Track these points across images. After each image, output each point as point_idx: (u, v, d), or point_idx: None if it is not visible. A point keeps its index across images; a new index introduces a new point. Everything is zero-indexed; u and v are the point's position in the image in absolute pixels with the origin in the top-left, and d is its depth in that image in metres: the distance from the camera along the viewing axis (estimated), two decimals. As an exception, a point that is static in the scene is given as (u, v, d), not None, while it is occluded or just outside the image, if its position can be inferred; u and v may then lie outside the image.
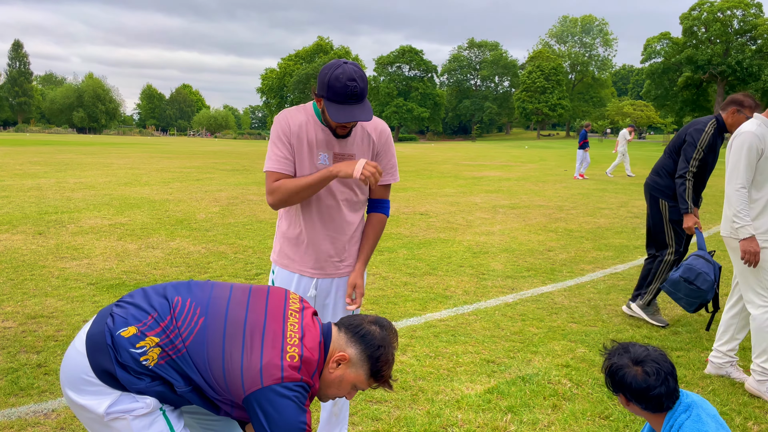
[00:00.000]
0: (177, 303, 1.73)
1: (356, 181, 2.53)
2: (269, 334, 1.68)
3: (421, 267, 6.41)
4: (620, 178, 19.26)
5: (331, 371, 1.76)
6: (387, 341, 1.80)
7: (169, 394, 1.67)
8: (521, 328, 4.54)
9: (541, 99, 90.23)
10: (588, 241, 8.11)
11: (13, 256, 6.30)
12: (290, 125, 2.45)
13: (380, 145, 2.56)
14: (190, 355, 1.64)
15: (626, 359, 1.98)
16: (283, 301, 1.80)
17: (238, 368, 1.62)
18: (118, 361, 1.63)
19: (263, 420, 1.58)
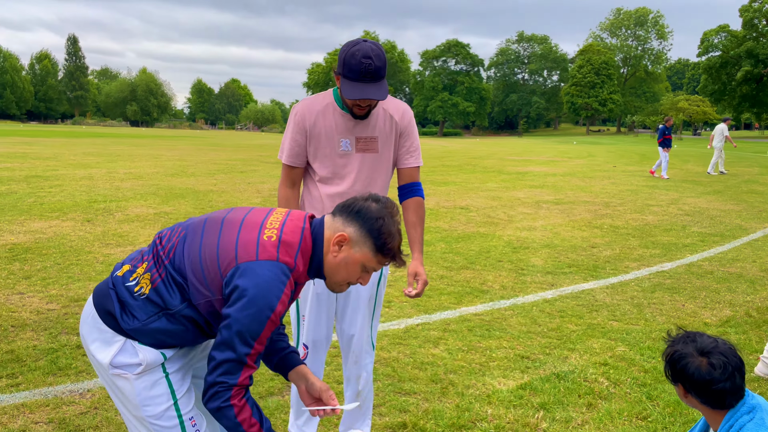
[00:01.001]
0: (164, 233, 1.76)
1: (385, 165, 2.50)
2: (248, 223, 1.68)
3: (459, 261, 6.32)
4: (672, 174, 18.62)
5: (334, 255, 1.70)
6: (385, 212, 1.72)
7: (168, 328, 1.65)
8: (559, 324, 4.41)
9: (591, 93, 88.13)
10: (634, 238, 7.85)
11: (62, 242, 6.51)
12: (306, 117, 2.41)
13: (403, 126, 2.50)
14: (174, 266, 1.65)
15: (691, 348, 1.86)
16: (265, 212, 1.77)
17: (214, 250, 1.61)
18: (119, 298, 1.66)
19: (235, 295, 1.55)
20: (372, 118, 2.42)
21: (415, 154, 2.54)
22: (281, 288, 1.58)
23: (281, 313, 1.59)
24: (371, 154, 2.44)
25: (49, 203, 9.13)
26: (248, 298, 1.55)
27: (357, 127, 2.41)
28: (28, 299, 4.54)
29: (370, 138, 2.44)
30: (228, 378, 1.57)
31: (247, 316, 1.54)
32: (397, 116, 2.47)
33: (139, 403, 1.66)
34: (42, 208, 8.62)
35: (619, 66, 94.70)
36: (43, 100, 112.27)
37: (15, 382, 3.17)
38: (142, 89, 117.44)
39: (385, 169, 2.51)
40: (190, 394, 1.76)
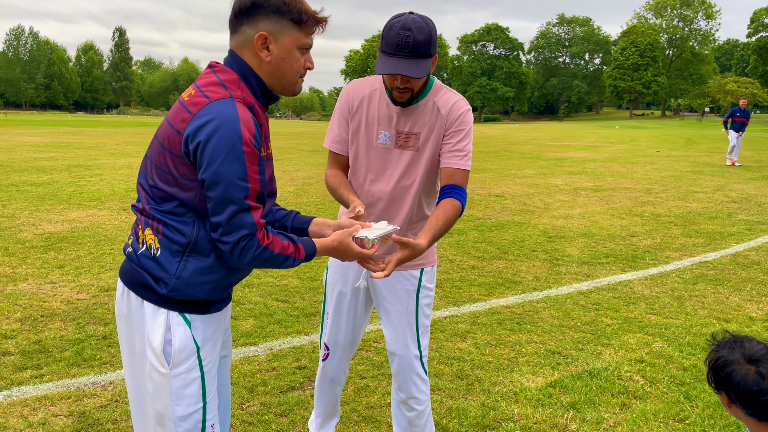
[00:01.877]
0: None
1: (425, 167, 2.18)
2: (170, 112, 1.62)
3: (491, 251, 6.17)
4: (719, 160, 17.91)
5: (268, 60, 1.59)
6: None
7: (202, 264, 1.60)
8: (593, 318, 4.24)
9: (635, 76, 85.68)
10: (677, 226, 7.54)
11: (97, 231, 6.61)
12: (351, 100, 2.19)
13: (450, 121, 2.12)
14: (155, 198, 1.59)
15: (738, 354, 1.69)
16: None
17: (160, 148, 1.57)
18: (143, 268, 1.62)
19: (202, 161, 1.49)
20: (418, 111, 2.11)
21: (460, 155, 2.12)
22: (234, 109, 1.49)
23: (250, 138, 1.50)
24: (410, 152, 2.14)
25: (88, 192, 9.30)
26: (211, 145, 1.46)
27: (401, 120, 2.12)
28: (59, 288, 4.60)
29: (412, 134, 2.13)
30: (245, 230, 1.51)
31: (222, 163, 1.46)
32: (444, 110, 2.12)
33: (172, 401, 1.62)
34: (81, 198, 8.79)
35: (664, 47, 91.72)
36: (89, 90, 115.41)
37: (39, 374, 3.19)
38: (183, 78, 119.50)
39: (426, 170, 2.16)
40: (215, 398, 1.72)
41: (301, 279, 5.02)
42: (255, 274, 5.11)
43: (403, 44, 1.91)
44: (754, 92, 71.72)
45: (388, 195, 2.18)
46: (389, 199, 2.19)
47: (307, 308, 4.31)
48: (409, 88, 2.01)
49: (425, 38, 1.92)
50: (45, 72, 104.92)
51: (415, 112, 2.11)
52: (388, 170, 2.17)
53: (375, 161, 2.18)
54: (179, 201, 1.57)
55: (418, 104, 2.11)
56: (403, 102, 2.06)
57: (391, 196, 2.18)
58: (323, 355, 2.45)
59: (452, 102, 2.12)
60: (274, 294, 4.61)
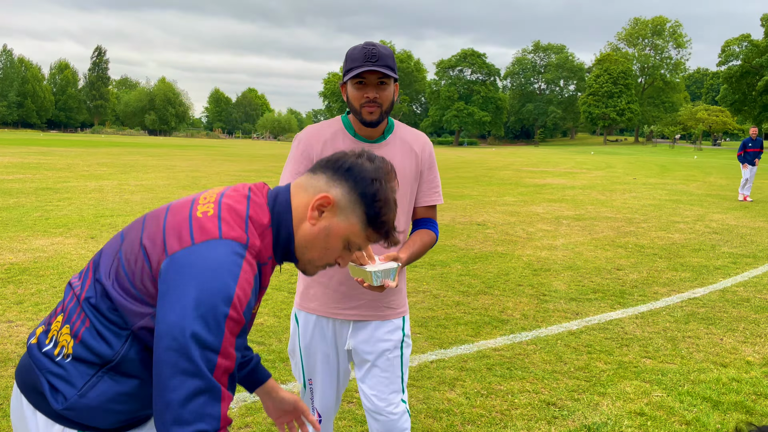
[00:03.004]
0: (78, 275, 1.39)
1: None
2: (175, 206, 1.30)
3: (476, 285, 5.96)
4: (695, 188, 18.09)
5: (312, 222, 1.31)
6: (382, 173, 1.33)
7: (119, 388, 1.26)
8: (587, 362, 4.03)
9: (609, 103, 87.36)
10: (662, 259, 7.43)
11: (61, 262, 6.25)
12: (312, 145, 2.07)
13: (424, 159, 2.15)
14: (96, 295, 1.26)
15: None
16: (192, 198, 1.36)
17: (137, 247, 1.23)
18: (40, 371, 1.27)
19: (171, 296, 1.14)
20: (387, 146, 2.09)
21: (436, 190, 2.20)
22: (237, 264, 1.18)
23: (244, 302, 1.18)
24: None
25: (55, 218, 8.91)
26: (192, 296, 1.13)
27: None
28: (15, 329, 4.26)
29: None
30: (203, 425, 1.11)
31: (196, 320, 1.12)
32: (417, 148, 2.14)
33: None
34: (47, 224, 8.40)
35: (636, 75, 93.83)
36: (63, 109, 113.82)
37: (-15, 432, 2.87)
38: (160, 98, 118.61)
39: (404, 209, 2.13)
40: None
41: (277, 317, 4.75)
42: (229, 311, 4.81)
43: (371, 54, 1.93)
44: (724, 120, 73.53)
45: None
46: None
47: (284, 351, 4.03)
48: (378, 103, 1.98)
49: (389, 54, 1.97)
50: (18, 90, 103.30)
51: (384, 148, 2.08)
52: None
53: None
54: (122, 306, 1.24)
55: (386, 140, 2.10)
56: (373, 120, 1.99)
57: None
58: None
59: (421, 138, 2.17)
60: (249, 335, 4.32)
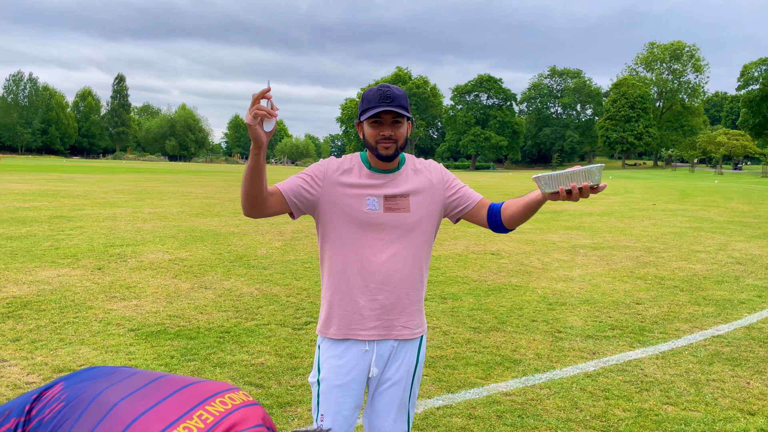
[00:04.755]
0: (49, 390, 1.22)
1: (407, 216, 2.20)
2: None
3: (488, 320, 5.73)
4: (717, 214, 17.67)
5: None
6: None
7: None
8: (604, 409, 3.79)
9: (627, 127, 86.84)
10: (683, 292, 7.14)
11: (65, 295, 6.15)
12: (330, 167, 2.21)
13: (437, 178, 2.28)
14: None
15: None
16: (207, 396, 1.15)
17: None
18: None
19: None
20: (401, 175, 2.21)
21: (470, 191, 2.31)
22: None
23: None
24: (402, 213, 2.18)
25: (65, 248, 8.87)
26: None
27: (387, 186, 2.19)
28: (8, 369, 4.12)
29: (400, 195, 2.18)
30: None
31: None
32: (426, 171, 2.28)
33: None
34: (56, 254, 8.35)
35: (654, 99, 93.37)
36: (86, 135, 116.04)
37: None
38: (180, 125, 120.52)
39: (419, 235, 2.21)
40: None
41: (279, 356, 4.57)
42: (228, 350, 4.65)
43: (385, 96, 2.06)
44: (744, 144, 72.58)
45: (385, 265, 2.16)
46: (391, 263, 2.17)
47: (283, 395, 3.84)
48: (394, 139, 2.10)
49: (402, 95, 2.10)
50: (42, 117, 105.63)
51: (397, 178, 2.20)
52: (383, 235, 2.17)
53: (365, 227, 2.16)
54: None
55: (400, 170, 2.22)
56: (389, 155, 2.11)
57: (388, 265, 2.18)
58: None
59: (431, 165, 2.31)
60: (247, 376, 4.14)
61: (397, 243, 2.17)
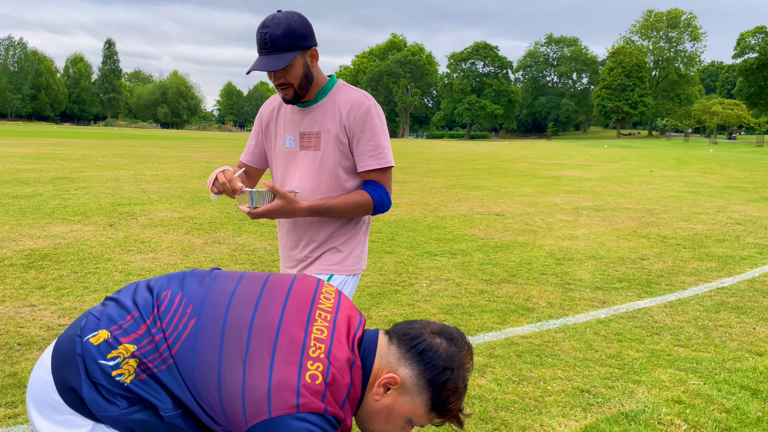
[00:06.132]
0: (164, 298, 1.29)
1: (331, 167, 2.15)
2: (283, 341, 1.20)
3: (499, 273, 5.88)
4: (714, 180, 17.85)
5: (376, 398, 1.28)
6: (457, 361, 1.28)
7: (155, 425, 1.24)
8: (618, 350, 3.94)
9: (622, 96, 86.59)
10: (686, 249, 7.30)
11: (81, 248, 6.23)
12: (262, 113, 2.29)
13: (351, 123, 2.09)
14: (178, 369, 1.21)
15: None
16: (311, 296, 1.31)
17: (239, 389, 1.16)
18: (88, 375, 1.22)
19: None
20: (319, 111, 2.12)
21: (374, 154, 2.11)
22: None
23: None
24: (313, 152, 2.13)
25: (73, 206, 8.91)
26: None
27: (303, 122, 2.14)
28: (39, 312, 4.23)
29: (313, 133, 2.13)
30: None
31: None
32: (344, 110, 2.10)
33: None
34: (65, 212, 8.40)
35: (650, 68, 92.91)
36: (76, 102, 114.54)
37: (14, 413, 2.83)
38: (172, 92, 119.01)
39: (331, 171, 2.13)
40: None
41: None
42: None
43: (262, 41, 1.96)
44: (739, 114, 72.64)
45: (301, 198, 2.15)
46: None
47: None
48: (286, 84, 2.02)
49: (283, 32, 1.94)
50: (32, 83, 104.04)
51: (315, 112, 2.12)
52: (297, 173, 2.17)
53: (285, 166, 2.21)
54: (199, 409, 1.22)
55: (318, 104, 2.12)
56: (289, 99, 2.06)
57: (303, 198, 2.15)
58: None
59: (353, 101, 2.10)
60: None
61: (311, 182, 2.14)
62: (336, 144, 2.10)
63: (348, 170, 2.15)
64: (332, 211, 2.09)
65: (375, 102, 2.15)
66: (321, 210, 2.07)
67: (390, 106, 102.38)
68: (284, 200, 1.98)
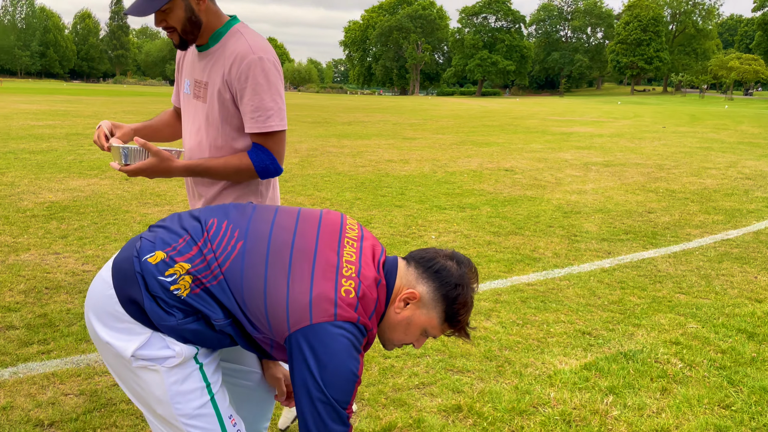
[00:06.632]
0: (212, 224, 1.45)
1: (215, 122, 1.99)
2: (321, 262, 1.38)
3: (506, 226, 5.99)
4: (727, 136, 17.69)
5: (397, 311, 1.47)
6: (465, 280, 1.47)
7: (207, 333, 1.41)
8: (620, 297, 4.08)
9: (637, 51, 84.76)
10: (694, 203, 7.37)
11: (99, 201, 6.40)
12: (178, 60, 2.18)
13: (233, 78, 1.88)
14: (228, 284, 1.38)
15: None
16: (339, 227, 1.49)
17: (283, 301, 1.34)
18: (148, 290, 1.38)
19: (310, 361, 1.30)
20: (210, 59, 1.94)
21: (255, 115, 1.89)
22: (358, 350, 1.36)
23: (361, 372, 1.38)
24: (202, 103, 1.98)
25: (89, 161, 9.07)
26: (329, 370, 1.31)
27: (197, 68, 1.99)
28: (63, 260, 4.42)
29: (202, 82, 1.98)
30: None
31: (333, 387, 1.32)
32: (228, 62, 1.89)
33: (170, 399, 1.40)
34: (81, 166, 8.56)
35: (667, 22, 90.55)
36: (85, 59, 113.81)
37: (47, 349, 3.02)
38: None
39: (216, 127, 1.96)
40: (224, 391, 1.51)
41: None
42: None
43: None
44: (757, 69, 71.08)
45: (189, 149, 2.05)
46: (190, 153, 2.05)
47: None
48: (169, 28, 1.86)
49: None
50: (40, 40, 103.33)
51: (207, 59, 1.96)
52: (189, 122, 2.06)
53: (183, 112, 2.12)
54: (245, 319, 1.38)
55: (210, 50, 1.95)
56: (177, 44, 1.93)
57: (191, 150, 2.04)
58: None
59: (236, 52, 1.87)
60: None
61: (196, 134, 2.02)
62: (220, 99, 1.93)
63: (237, 128, 1.97)
64: (210, 173, 1.93)
65: (265, 54, 1.89)
66: (198, 171, 1.92)
67: (400, 63, 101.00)
68: (157, 158, 1.84)
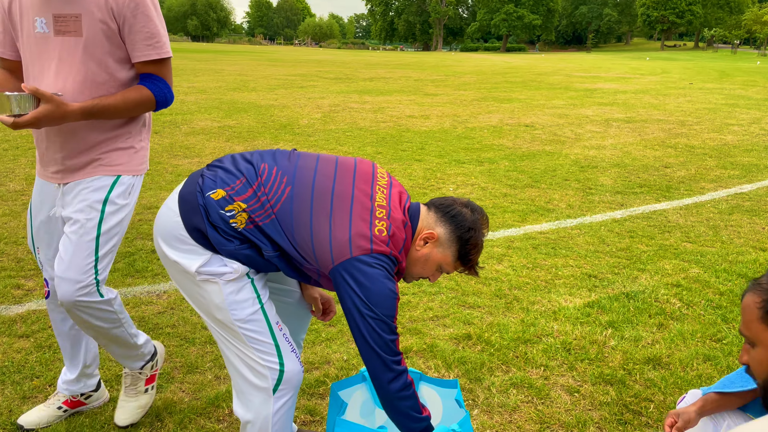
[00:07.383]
0: (264, 170, 1.72)
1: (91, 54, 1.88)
2: (357, 206, 1.66)
3: (523, 179, 6.17)
4: (755, 93, 17.37)
5: (417, 249, 1.73)
6: (477, 225, 1.74)
7: (257, 259, 1.68)
8: (629, 244, 4.28)
9: (669, 5, 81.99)
10: (711, 158, 7.43)
11: (132, 153, 6.70)
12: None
13: (121, 6, 1.84)
14: (279, 222, 1.65)
15: None
16: (371, 176, 1.76)
17: (327, 239, 1.61)
18: (209, 220, 1.65)
19: (355, 287, 1.58)
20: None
21: (150, 42, 1.90)
22: (392, 275, 1.63)
23: (398, 290, 1.65)
24: (74, 38, 1.85)
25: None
26: (373, 291, 1.57)
27: (53, 2, 1.84)
28: (104, 206, 4.73)
29: (71, 16, 1.84)
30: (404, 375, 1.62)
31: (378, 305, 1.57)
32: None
33: (228, 306, 1.68)
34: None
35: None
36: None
37: (97, 282, 3.34)
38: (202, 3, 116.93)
39: (99, 61, 1.89)
40: (272, 303, 1.79)
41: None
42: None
43: None
44: (794, 23, 68.38)
45: (54, 89, 1.89)
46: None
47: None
48: None
49: None
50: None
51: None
52: (49, 63, 1.89)
53: (36, 55, 1.91)
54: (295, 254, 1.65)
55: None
56: None
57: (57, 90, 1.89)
58: (45, 292, 2.15)
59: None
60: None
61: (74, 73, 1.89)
62: (103, 30, 1.86)
63: (120, 60, 1.92)
64: (109, 111, 1.88)
65: None
66: (96, 111, 1.85)
67: (423, 17, 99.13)
68: (52, 104, 1.74)
